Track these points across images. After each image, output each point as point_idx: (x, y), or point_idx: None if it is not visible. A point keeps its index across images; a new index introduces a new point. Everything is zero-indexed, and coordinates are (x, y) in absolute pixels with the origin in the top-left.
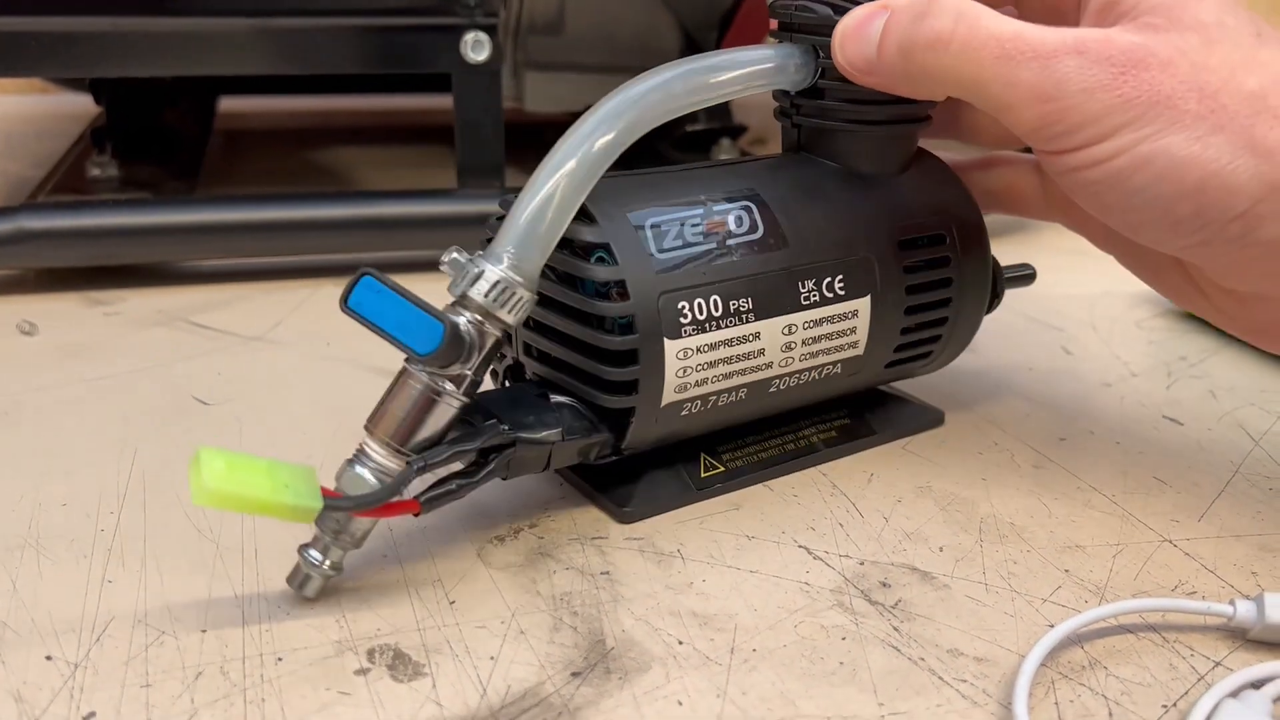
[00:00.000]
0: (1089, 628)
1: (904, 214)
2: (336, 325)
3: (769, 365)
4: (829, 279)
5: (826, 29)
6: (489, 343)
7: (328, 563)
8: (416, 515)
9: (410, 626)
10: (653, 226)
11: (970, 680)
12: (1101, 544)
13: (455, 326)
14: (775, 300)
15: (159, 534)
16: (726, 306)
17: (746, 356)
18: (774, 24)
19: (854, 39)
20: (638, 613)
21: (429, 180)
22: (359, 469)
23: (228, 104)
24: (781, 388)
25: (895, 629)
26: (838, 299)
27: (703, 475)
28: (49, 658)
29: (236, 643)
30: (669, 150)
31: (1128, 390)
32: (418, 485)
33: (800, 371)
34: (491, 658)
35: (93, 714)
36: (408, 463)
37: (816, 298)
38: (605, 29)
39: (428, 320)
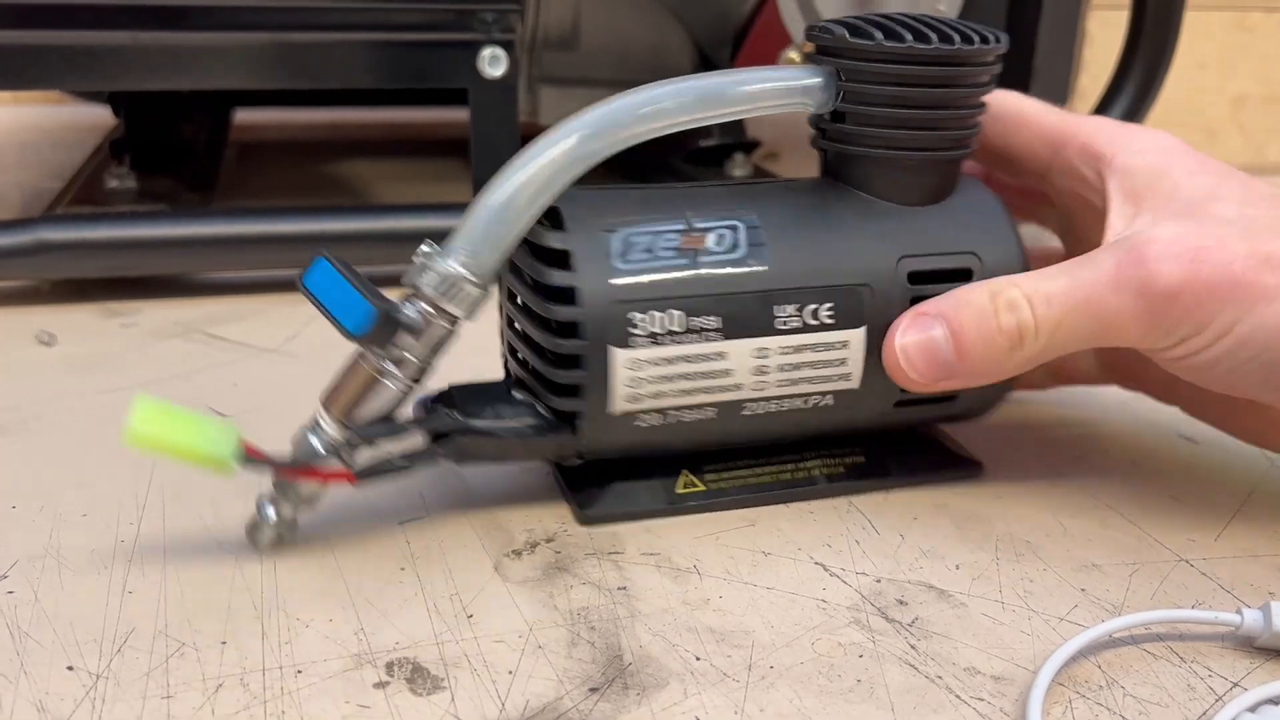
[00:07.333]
0: (1104, 645)
1: (922, 246)
2: None
3: (738, 387)
4: (814, 306)
5: (847, 52)
6: (437, 333)
7: (275, 518)
8: (354, 484)
9: (428, 640)
10: (624, 238)
11: (987, 699)
12: (1118, 563)
13: (386, 312)
14: (746, 322)
15: (178, 545)
16: (688, 323)
17: (711, 375)
18: (808, 47)
19: (924, 356)
20: (655, 628)
21: (444, 194)
22: (310, 435)
23: (243, 116)
24: (759, 411)
25: (912, 647)
26: (824, 327)
27: (678, 491)
28: (71, 668)
29: (256, 655)
30: (680, 165)
31: (1144, 409)
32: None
33: (780, 398)
34: (510, 672)
35: None
36: (335, 441)
37: (797, 323)
38: (619, 45)
39: (362, 303)
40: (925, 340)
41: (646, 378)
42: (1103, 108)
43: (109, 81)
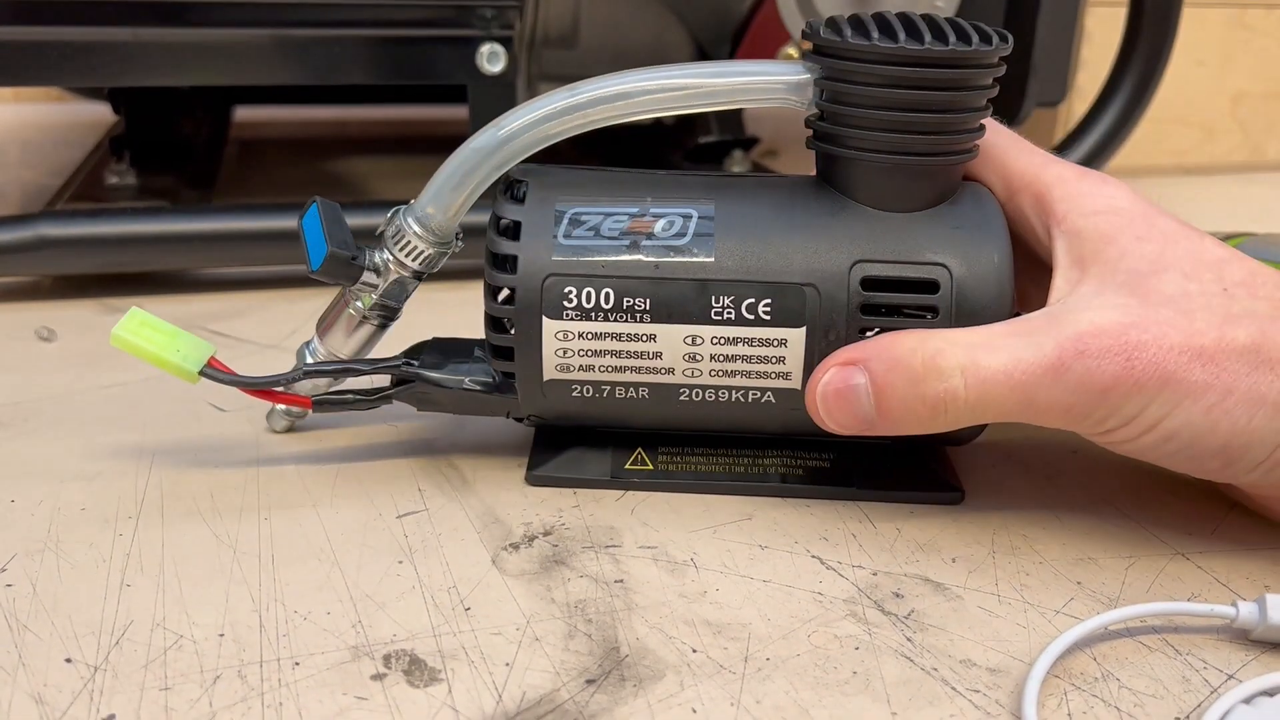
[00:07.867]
0: (1099, 638)
1: (884, 253)
2: None
3: (670, 371)
4: (751, 300)
5: (829, 50)
6: (391, 277)
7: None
8: (309, 409)
9: (426, 632)
10: (573, 215)
11: (983, 691)
12: (1114, 556)
13: (334, 255)
14: (680, 308)
15: (177, 539)
16: (619, 302)
17: (641, 355)
18: (806, 44)
19: (841, 404)
20: (652, 621)
21: None
22: (304, 348)
23: (243, 113)
24: (694, 399)
25: (908, 639)
26: (760, 323)
27: (626, 467)
28: (69, 660)
29: (254, 647)
30: (680, 162)
31: None
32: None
33: (716, 388)
34: (507, 664)
35: (112, 716)
36: (296, 366)
37: (732, 315)
38: (618, 42)
39: (322, 246)
40: (847, 390)
41: (575, 349)
42: (1100, 105)
43: (109, 78)
